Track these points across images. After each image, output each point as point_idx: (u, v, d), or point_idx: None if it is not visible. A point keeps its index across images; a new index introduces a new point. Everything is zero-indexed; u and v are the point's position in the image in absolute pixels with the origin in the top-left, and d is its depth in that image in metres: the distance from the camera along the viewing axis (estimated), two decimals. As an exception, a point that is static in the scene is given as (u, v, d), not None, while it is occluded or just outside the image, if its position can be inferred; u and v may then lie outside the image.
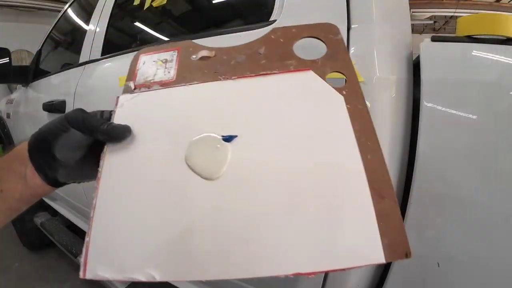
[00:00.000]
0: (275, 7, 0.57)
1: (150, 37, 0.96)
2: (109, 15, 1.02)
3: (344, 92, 0.34)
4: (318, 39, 0.38)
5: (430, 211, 0.44)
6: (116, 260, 0.29)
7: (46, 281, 1.54)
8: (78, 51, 1.09)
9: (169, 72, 0.40)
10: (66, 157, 0.34)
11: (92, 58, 1.01)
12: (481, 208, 0.41)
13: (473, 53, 0.44)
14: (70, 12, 1.39)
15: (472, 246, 0.42)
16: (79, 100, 0.97)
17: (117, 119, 0.36)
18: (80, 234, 1.32)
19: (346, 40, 0.46)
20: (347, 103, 0.33)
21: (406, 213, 0.46)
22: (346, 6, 0.48)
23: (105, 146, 0.34)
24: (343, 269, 0.25)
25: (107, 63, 0.94)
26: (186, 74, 0.39)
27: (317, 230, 0.27)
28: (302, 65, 0.37)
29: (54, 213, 1.53)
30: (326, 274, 0.51)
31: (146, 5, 0.87)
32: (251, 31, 0.57)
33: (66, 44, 1.50)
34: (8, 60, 1.37)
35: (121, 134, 0.34)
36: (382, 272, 0.52)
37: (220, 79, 0.37)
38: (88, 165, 0.36)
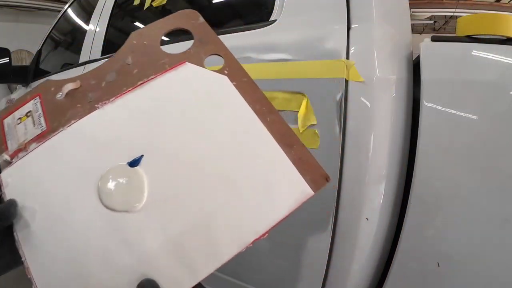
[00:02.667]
0: (275, 7, 0.57)
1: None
2: (109, 15, 1.02)
3: (226, 72, 0.34)
4: (183, 29, 0.38)
5: (430, 211, 0.44)
6: None
7: (46, 281, 1.53)
8: (78, 51, 1.09)
9: (40, 124, 0.35)
10: None
11: (92, 58, 1.01)
12: (481, 208, 0.41)
13: (473, 53, 0.44)
14: (70, 12, 1.39)
15: (472, 246, 0.42)
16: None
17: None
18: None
19: (346, 40, 0.46)
20: (232, 81, 0.34)
21: (406, 213, 0.46)
22: (346, 6, 0.48)
23: (14, 233, 0.30)
24: (287, 216, 0.29)
25: (107, 63, 0.94)
26: (60, 118, 0.34)
27: (253, 199, 0.30)
28: (175, 59, 0.36)
29: (54, 213, 1.53)
30: (326, 275, 0.51)
31: (146, 5, 0.87)
32: (252, 31, 0.57)
33: (66, 44, 1.50)
34: (8, 60, 1.37)
35: (6, 215, 0.29)
36: (382, 272, 0.52)
37: (98, 107, 0.34)
38: (7, 252, 0.31)
